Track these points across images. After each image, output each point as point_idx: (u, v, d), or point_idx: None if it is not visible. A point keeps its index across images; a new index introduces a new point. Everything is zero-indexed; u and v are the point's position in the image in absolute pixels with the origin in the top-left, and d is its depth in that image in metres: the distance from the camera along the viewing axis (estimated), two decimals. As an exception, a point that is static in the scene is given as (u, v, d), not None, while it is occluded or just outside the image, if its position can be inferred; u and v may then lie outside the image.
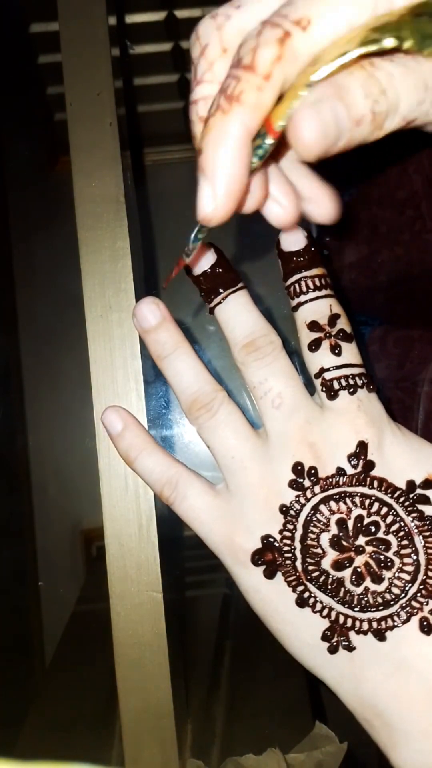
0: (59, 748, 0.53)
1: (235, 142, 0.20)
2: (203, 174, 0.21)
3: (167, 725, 0.41)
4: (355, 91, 0.20)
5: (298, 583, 0.30)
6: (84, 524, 0.78)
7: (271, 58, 0.20)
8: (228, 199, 0.21)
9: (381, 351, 0.51)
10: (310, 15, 0.20)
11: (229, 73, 0.21)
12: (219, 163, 0.21)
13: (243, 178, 0.21)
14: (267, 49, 0.20)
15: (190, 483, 0.33)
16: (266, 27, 0.20)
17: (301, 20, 0.20)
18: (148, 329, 0.34)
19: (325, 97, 0.20)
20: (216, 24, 0.22)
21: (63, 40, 0.43)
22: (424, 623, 0.29)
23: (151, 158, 0.82)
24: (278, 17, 0.20)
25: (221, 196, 0.21)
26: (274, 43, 0.20)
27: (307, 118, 0.19)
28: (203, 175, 0.21)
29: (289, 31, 0.20)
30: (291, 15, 0.20)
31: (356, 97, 0.20)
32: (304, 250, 0.33)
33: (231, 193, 0.21)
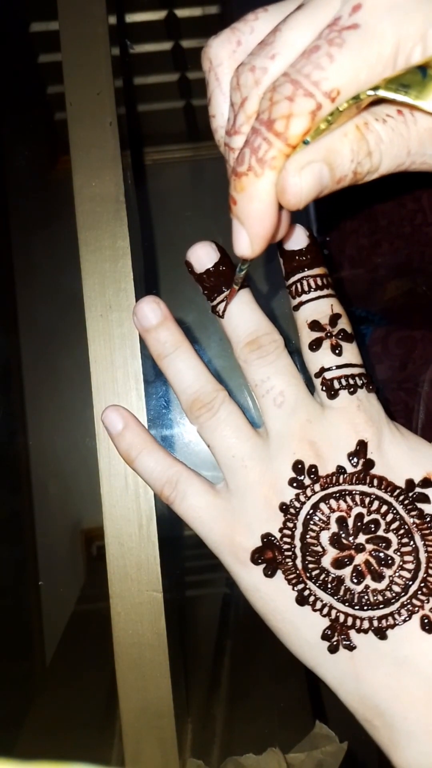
0: (59, 748, 0.53)
1: (267, 198, 0.23)
2: (240, 222, 0.24)
3: (167, 725, 0.40)
4: (343, 154, 0.23)
5: (298, 582, 0.30)
6: (84, 524, 0.78)
7: (302, 131, 0.22)
8: (262, 242, 0.25)
9: (383, 352, 0.51)
10: (339, 86, 0.21)
11: (260, 131, 0.23)
12: (254, 217, 0.24)
13: (274, 224, 0.24)
14: (299, 120, 0.22)
15: (190, 482, 0.33)
16: (299, 92, 0.22)
17: (332, 92, 0.21)
18: (148, 328, 0.34)
19: (315, 159, 0.23)
20: (255, 79, 0.24)
21: (63, 40, 0.43)
22: (425, 621, 0.29)
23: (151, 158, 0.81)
24: (310, 84, 0.21)
25: (256, 241, 0.25)
26: (306, 115, 0.22)
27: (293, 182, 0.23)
28: (239, 224, 0.24)
29: (321, 104, 0.21)
30: (323, 85, 0.21)
31: (343, 160, 0.23)
32: (306, 250, 0.33)
33: (265, 238, 0.25)
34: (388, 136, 0.23)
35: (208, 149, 0.82)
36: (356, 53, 0.21)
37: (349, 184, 0.24)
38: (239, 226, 0.24)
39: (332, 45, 0.21)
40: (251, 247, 0.25)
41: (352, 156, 0.23)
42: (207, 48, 0.26)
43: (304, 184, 0.23)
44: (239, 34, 0.26)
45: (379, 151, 0.23)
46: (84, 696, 0.59)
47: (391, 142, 0.23)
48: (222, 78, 0.26)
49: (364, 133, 0.23)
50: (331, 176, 0.23)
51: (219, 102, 0.26)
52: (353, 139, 0.23)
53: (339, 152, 0.23)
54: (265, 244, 0.25)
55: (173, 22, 0.71)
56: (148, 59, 0.75)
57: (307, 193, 0.23)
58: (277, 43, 0.23)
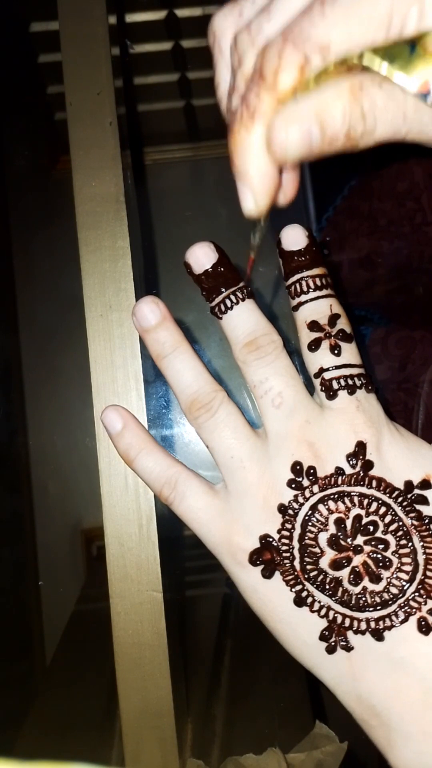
0: (59, 748, 0.53)
1: (261, 150, 0.24)
2: (240, 179, 0.25)
3: (167, 725, 0.40)
4: (334, 113, 0.23)
5: (297, 583, 0.30)
6: (84, 524, 0.78)
7: (290, 83, 0.22)
8: (264, 197, 0.25)
9: (383, 352, 0.51)
10: (329, 40, 0.21)
11: (252, 87, 0.23)
12: (251, 170, 0.24)
13: (274, 177, 0.24)
14: (287, 73, 0.22)
15: (189, 483, 0.33)
16: (288, 47, 0.22)
17: (321, 45, 0.21)
18: (147, 328, 0.34)
19: (305, 115, 0.23)
20: (251, 39, 0.24)
21: (63, 40, 0.43)
22: (423, 623, 0.29)
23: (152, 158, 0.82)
24: (300, 38, 0.22)
25: (259, 196, 0.25)
26: (294, 68, 0.22)
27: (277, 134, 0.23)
28: (240, 180, 0.25)
29: (309, 57, 0.22)
30: (313, 39, 0.21)
31: (334, 119, 0.23)
32: (305, 250, 0.33)
33: (267, 192, 0.25)
34: (383, 101, 0.23)
35: (208, 149, 0.82)
36: (349, 9, 0.21)
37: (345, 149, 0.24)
38: (241, 184, 0.25)
39: (324, 3, 0.21)
40: (255, 203, 0.25)
41: (343, 116, 0.23)
42: (211, 22, 0.27)
43: (290, 138, 0.23)
44: (241, 7, 0.26)
45: (373, 115, 0.23)
46: (84, 696, 0.59)
47: (386, 107, 0.23)
48: (224, 48, 0.26)
49: (358, 95, 0.23)
50: (321, 134, 0.23)
51: (222, 71, 0.27)
52: (346, 100, 0.23)
53: (330, 111, 0.23)
54: (267, 199, 0.25)
55: (173, 22, 0.71)
56: (148, 59, 0.75)
57: (294, 148, 0.23)
58: (273, 6, 0.24)
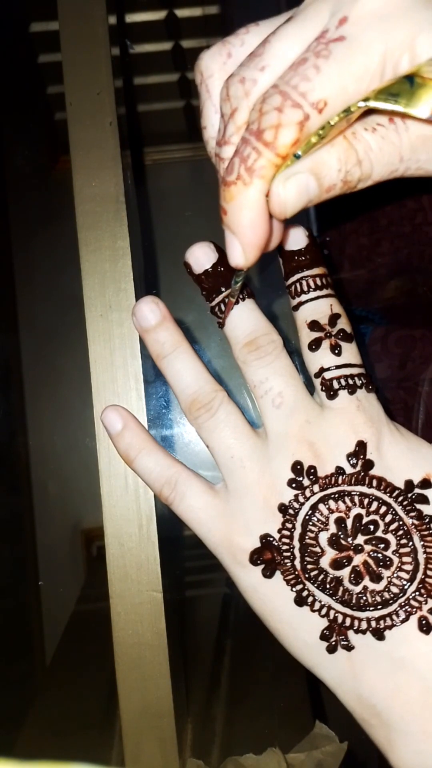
0: (59, 747, 0.53)
1: (257, 207, 0.24)
2: (231, 233, 0.24)
3: (167, 725, 0.40)
4: (330, 164, 0.23)
5: (297, 582, 0.30)
6: (84, 524, 0.78)
7: (290, 141, 0.22)
8: (255, 251, 0.25)
9: (383, 351, 0.51)
10: (326, 96, 0.22)
11: (249, 141, 0.23)
12: (244, 226, 0.24)
13: (266, 232, 0.24)
14: (287, 131, 0.22)
15: (189, 483, 0.33)
16: (287, 104, 0.22)
17: (319, 103, 0.22)
18: (147, 328, 0.34)
19: (300, 170, 0.23)
20: (244, 90, 0.24)
21: (63, 40, 0.43)
22: (423, 622, 0.29)
23: (152, 158, 0.82)
24: (298, 95, 0.22)
25: (249, 251, 0.25)
26: (294, 125, 0.22)
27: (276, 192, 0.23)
28: (231, 234, 0.24)
29: (308, 115, 0.22)
30: (310, 96, 0.22)
31: (330, 170, 0.23)
32: (306, 250, 0.33)
33: (257, 246, 0.25)
34: (378, 144, 0.23)
35: (208, 149, 0.82)
36: (342, 65, 0.21)
37: (342, 193, 0.24)
38: (231, 236, 0.24)
39: (319, 57, 0.22)
40: (244, 256, 0.25)
41: (339, 165, 0.23)
42: (198, 61, 0.27)
43: (288, 195, 0.23)
44: (230, 47, 0.26)
45: (369, 159, 0.23)
46: (84, 696, 0.59)
47: (381, 150, 0.23)
48: (212, 90, 0.26)
49: (352, 142, 0.23)
50: (318, 186, 0.23)
51: (210, 113, 0.27)
52: (341, 148, 0.23)
53: (325, 162, 0.23)
54: (257, 253, 0.25)
55: (173, 22, 0.71)
56: (148, 59, 0.75)
57: (293, 203, 0.23)
58: (266, 55, 0.24)
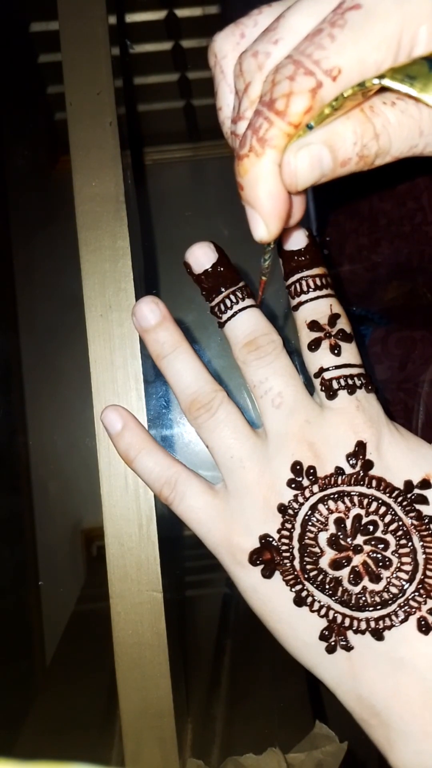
0: (59, 747, 0.53)
1: (271, 177, 0.23)
2: (250, 206, 0.24)
3: (167, 725, 0.40)
4: (345, 136, 0.23)
5: (296, 583, 0.30)
6: (84, 524, 0.78)
7: (303, 109, 0.21)
8: (277, 223, 0.24)
9: (383, 352, 0.51)
10: (341, 64, 0.21)
11: (261, 111, 0.22)
12: (262, 198, 0.23)
13: (285, 203, 0.24)
14: (299, 98, 0.21)
15: (188, 483, 0.33)
16: (300, 72, 0.21)
17: (333, 70, 0.21)
18: (147, 328, 0.34)
19: (314, 141, 0.22)
20: (257, 63, 0.23)
21: (63, 40, 0.43)
22: (422, 623, 0.29)
23: (152, 158, 0.82)
24: (311, 63, 0.21)
25: (271, 222, 0.24)
26: (306, 93, 0.21)
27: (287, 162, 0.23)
28: (251, 208, 0.24)
29: (321, 82, 0.21)
30: (323, 63, 0.21)
31: (345, 143, 0.23)
32: (305, 250, 0.33)
33: (278, 218, 0.24)
34: (397, 118, 0.23)
35: (208, 149, 0.82)
36: (359, 33, 0.21)
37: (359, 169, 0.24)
38: (251, 211, 0.24)
39: (335, 26, 0.21)
40: (267, 229, 0.24)
41: (355, 138, 0.23)
42: (212, 43, 0.26)
43: (299, 165, 0.23)
44: (243, 27, 0.26)
45: (387, 134, 0.23)
46: (84, 696, 0.59)
47: (401, 124, 0.23)
48: (227, 70, 0.26)
49: (369, 115, 0.23)
50: (332, 159, 0.23)
51: (225, 93, 0.26)
52: (357, 121, 0.23)
53: (340, 134, 0.23)
54: (280, 224, 0.24)
55: (173, 22, 0.71)
56: (148, 59, 0.75)
57: (304, 174, 0.23)
58: (280, 28, 0.23)
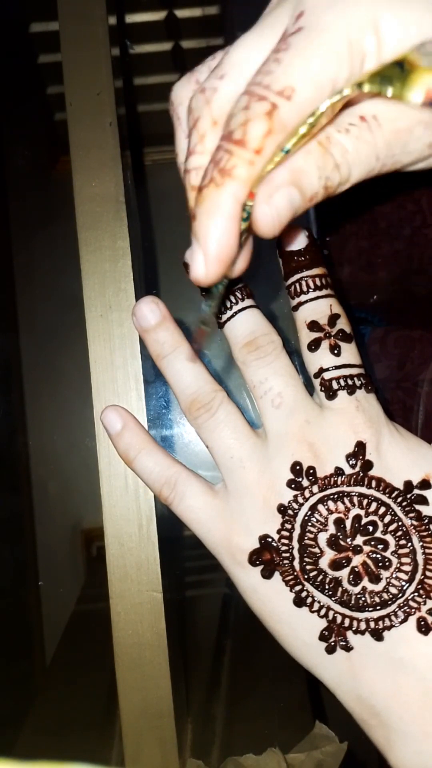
0: (59, 747, 0.53)
1: (228, 212, 0.22)
2: (196, 240, 0.22)
3: (167, 725, 0.40)
4: (310, 173, 0.22)
5: (296, 583, 0.30)
6: (84, 524, 0.78)
7: (261, 134, 0.21)
8: (218, 264, 0.23)
9: (381, 351, 0.51)
10: (292, 83, 0.21)
11: (221, 146, 0.22)
12: (211, 233, 0.22)
13: (234, 246, 0.22)
14: (257, 124, 0.21)
15: (188, 483, 0.33)
16: (253, 100, 0.21)
17: (284, 90, 0.21)
18: (147, 328, 0.34)
19: (282, 184, 0.22)
20: (205, 98, 0.23)
21: (63, 40, 0.43)
22: (422, 623, 0.29)
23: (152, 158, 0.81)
24: (262, 88, 0.21)
25: (212, 262, 0.22)
26: (262, 117, 0.21)
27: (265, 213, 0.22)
28: (196, 242, 0.22)
29: (275, 103, 0.21)
30: (273, 85, 0.21)
31: (311, 178, 0.22)
32: (305, 250, 0.33)
33: (221, 260, 0.22)
34: (353, 146, 0.23)
35: (208, 149, 0.82)
36: (303, 51, 0.21)
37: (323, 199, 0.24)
38: (195, 245, 0.22)
39: (279, 51, 0.21)
40: (205, 270, 0.22)
41: (319, 173, 0.22)
42: (170, 92, 0.27)
43: (275, 211, 0.22)
44: (197, 74, 0.26)
45: (347, 162, 0.23)
46: (84, 696, 0.59)
47: (358, 151, 0.23)
48: (182, 116, 0.26)
49: (327, 147, 0.23)
50: (302, 197, 0.23)
51: (180, 139, 0.26)
52: (317, 155, 0.22)
53: (305, 171, 0.22)
54: (221, 269, 0.23)
55: (173, 22, 0.71)
56: (148, 59, 0.75)
57: (281, 218, 0.22)
58: (223, 64, 0.23)
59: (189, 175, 0.24)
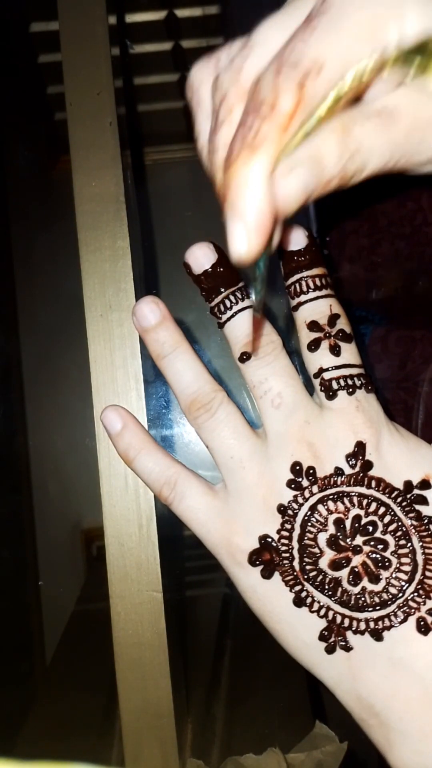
0: (59, 747, 0.53)
1: (263, 180, 0.21)
2: (234, 215, 0.22)
3: (167, 725, 0.40)
4: (330, 154, 0.22)
5: (296, 583, 0.30)
6: (84, 524, 0.78)
7: (292, 104, 0.21)
8: (260, 235, 0.22)
9: (383, 351, 0.51)
10: (323, 57, 0.21)
11: (250, 116, 0.21)
12: (249, 202, 0.21)
13: (271, 217, 0.22)
14: (287, 94, 0.21)
15: (188, 483, 0.33)
16: (284, 69, 0.21)
17: (314, 64, 0.21)
18: (147, 328, 0.34)
19: (302, 162, 0.22)
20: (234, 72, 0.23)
21: (63, 40, 0.43)
22: (421, 623, 0.29)
23: (152, 158, 0.82)
24: (294, 56, 0.21)
25: (254, 233, 0.22)
26: (293, 88, 0.21)
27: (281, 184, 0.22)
28: (234, 216, 0.22)
29: (306, 74, 0.21)
30: (306, 57, 0.21)
31: (329, 161, 0.22)
32: (305, 250, 0.33)
33: (263, 229, 0.22)
34: (372, 135, 0.23)
35: (208, 149, 0.82)
36: (332, 28, 0.21)
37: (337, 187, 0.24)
38: (233, 220, 0.22)
39: (308, 26, 0.21)
40: (248, 242, 0.22)
41: (338, 157, 0.22)
42: (188, 77, 0.26)
43: (292, 187, 0.22)
44: (217, 56, 0.26)
45: (364, 151, 0.23)
46: (84, 696, 0.59)
47: (376, 140, 0.23)
48: (204, 98, 0.26)
49: (348, 133, 0.23)
50: (319, 178, 0.22)
51: (201, 121, 0.26)
52: (338, 138, 0.22)
53: (325, 153, 0.22)
54: (263, 240, 0.22)
55: (173, 22, 0.71)
56: (148, 59, 0.75)
57: (296, 196, 0.22)
58: (251, 42, 0.23)
59: (216, 153, 0.24)
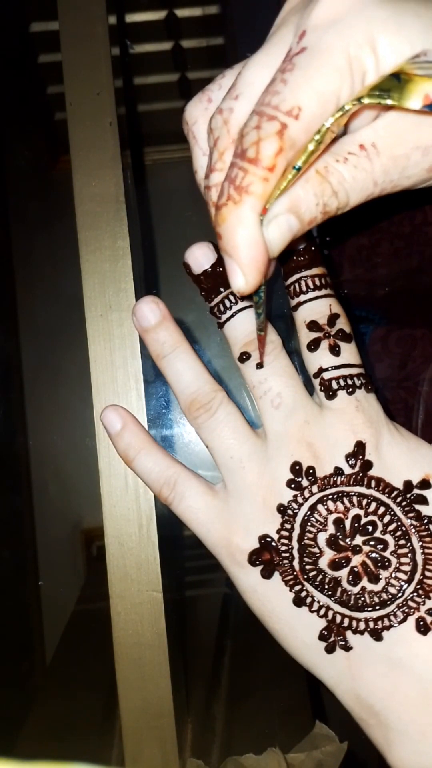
0: (59, 747, 0.53)
1: (250, 224, 0.23)
2: (228, 256, 0.24)
3: (167, 724, 0.40)
4: (308, 200, 0.24)
5: (296, 583, 0.30)
6: (84, 524, 0.78)
7: (273, 152, 0.22)
8: (255, 272, 0.24)
9: (383, 350, 0.51)
10: (299, 103, 0.22)
11: (236, 164, 0.23)
12: (240, 245, 0.23)
13: (264, 251, 0.24)
14: (268, 143, 0.22)
15: (188, 483, 0.33)
16: (263, 120, 0.22)
17: (293, 110, 0.22)
18: (147, 328, 0.34)
19: (280, 212, 0.23)
20: (223, 119, 0.25)
21: (63, 40, 0.43)
22: (421, 623, 0.29)
23: (152, 158, 0.81)
24: (271, 109, 0.22)
25: (249, 271, 0.24)
26: (274, 137, 0.22)
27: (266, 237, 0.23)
28: (228, 258, 0.24)
29: (285, 123, 0.22)
30: (282, 105, 0.22)
31: (308, 205, 0.24)
32: (305, 250, 0.33)
33: (257, 267, 0.24)
34: (351, 174, 0.24)
35: (208, 149, 0.82)
36: (308, 71, 0.22)
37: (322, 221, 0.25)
38: (229, 260, 0.24)
39: (285, 72, 0.22)
40: (245, 279, 0.24)
41: (316, 200, 0.24)
42: (184, 112, 0.28)
43: (271, 237, 0.23)
44: (209, 93, 0.27)
45: (344, 189, 0.24)
46: (84, 696, 0.59)
47: (355, 178, 0.24)
48: (198, 134, 0.27)
49: (325, 176, 0.24)
50: (300, 222, 0.24)
51: (198, 156, 0.27)
52: (315, 183, 0.23)
53: (303, 199, 0.23)
54: (258, 275, 0.24)
55: (173, 22, 0.71)
56: (148, 59, 0.75)
57: (278, 243, 0.24)
58: (238, 85, 0.24)
59: (210, 191, 0.25)
